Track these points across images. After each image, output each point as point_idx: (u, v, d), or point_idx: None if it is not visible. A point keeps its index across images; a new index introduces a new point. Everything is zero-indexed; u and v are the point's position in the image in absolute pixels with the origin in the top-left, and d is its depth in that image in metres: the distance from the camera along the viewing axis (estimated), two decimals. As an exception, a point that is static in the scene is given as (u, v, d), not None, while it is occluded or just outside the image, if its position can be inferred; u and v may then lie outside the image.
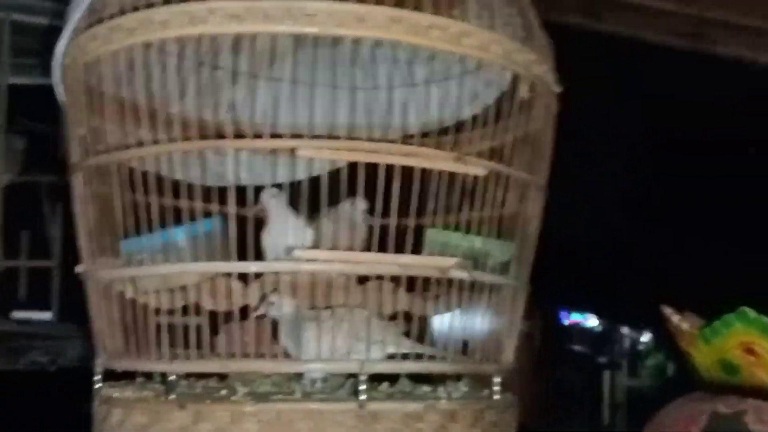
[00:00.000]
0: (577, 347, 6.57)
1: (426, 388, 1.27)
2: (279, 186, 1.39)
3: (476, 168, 1.15)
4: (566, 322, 6.73)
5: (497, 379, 1.19)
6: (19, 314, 2.86)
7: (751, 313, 1.24)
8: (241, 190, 1.21)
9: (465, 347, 1.23)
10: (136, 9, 1.09)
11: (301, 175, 1.47)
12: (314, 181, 1.17)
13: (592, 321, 7.10)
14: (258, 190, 1.36)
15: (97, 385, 1.22)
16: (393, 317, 1.31)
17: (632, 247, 4.09)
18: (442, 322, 1.33)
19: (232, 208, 1.11)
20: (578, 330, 7.06)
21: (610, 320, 6.77)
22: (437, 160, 1.13)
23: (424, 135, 1.36)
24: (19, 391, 2.42)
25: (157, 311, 1.18)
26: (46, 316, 2.91)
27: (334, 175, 1.20)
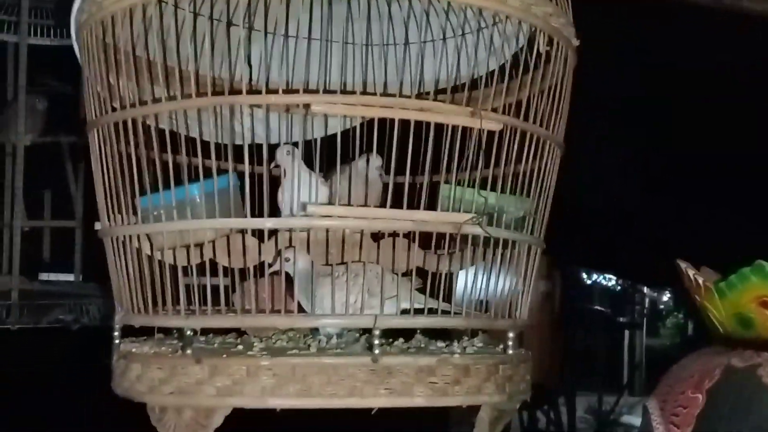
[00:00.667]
0: (596, 307, 6.57)
1: (440, 344, 1.28)
2: (294, 143, 1.40)
3: (492, 122, 1.14)
4: (586, 282, 6.72)
5: (511, 334, 1.19)
6: (43, 276, 2.90)
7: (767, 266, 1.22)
8: (256, 148, 1.21)
9: (480, 303, 1.23)
10: (149, -35, 1.08)
11: (316, 132, 1.47)
12: (329, 138, 1.16)
13: (611, 281, 7.08)
14: (273, 147, 1.37)
15: (116, 341, 1.24)
16: (407, 274, 1.31)
17: (653, 206, 4.06)
18: (456, 278, 1.33)
19: (246, 165, 1.11)
20: (598, 289, 7.05)
21: (629, 280, 6.74)
22: (452, 115, 1.12)
23: (440, 91, 1.35)
24: (43, 347, 2.47)
25: (174, 268, 1.19)
26: (69, 277, 2.95)
27: (349, 131, 1.19)
